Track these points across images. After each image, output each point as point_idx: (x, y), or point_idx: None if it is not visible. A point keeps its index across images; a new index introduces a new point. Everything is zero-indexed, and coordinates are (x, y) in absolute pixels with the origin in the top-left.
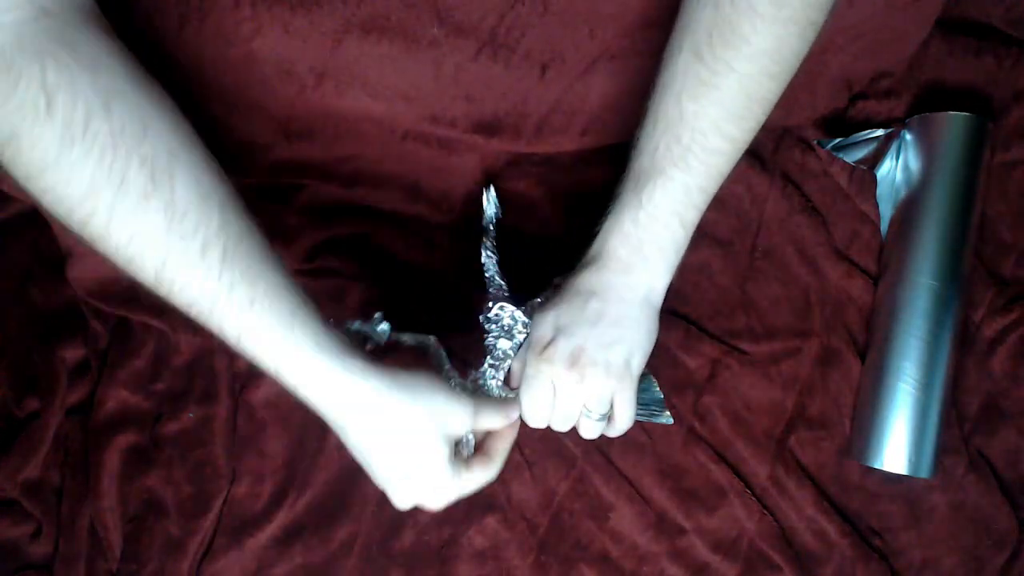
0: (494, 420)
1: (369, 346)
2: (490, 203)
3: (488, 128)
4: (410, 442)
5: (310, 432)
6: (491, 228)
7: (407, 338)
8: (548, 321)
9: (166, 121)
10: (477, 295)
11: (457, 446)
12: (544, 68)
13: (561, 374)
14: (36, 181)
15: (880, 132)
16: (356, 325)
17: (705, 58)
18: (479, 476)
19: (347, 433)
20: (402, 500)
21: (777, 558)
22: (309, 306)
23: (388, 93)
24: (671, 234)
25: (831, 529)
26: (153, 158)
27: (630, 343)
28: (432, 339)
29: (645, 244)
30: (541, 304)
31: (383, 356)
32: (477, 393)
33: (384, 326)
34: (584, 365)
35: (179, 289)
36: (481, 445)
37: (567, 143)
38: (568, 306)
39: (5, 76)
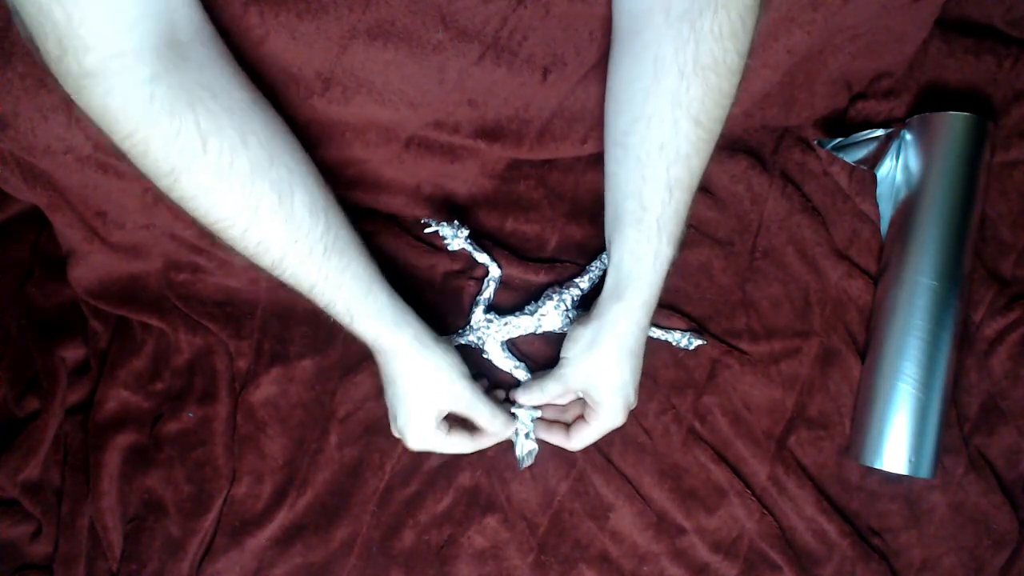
0: (482, 420)
1: (447, 243)
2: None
3: (491, 134)
4: (418, 392)
5: (310, 432)
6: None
7: (478, 255)
8: (612, 394)
9: (284, 145)
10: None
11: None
12: (546, 72)
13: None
14: (189, 202)
15: (880, 132)
16: (436, 225)
17: (704, 123)
18: (454, 444)
19: (386, 368)
20: (396, 426)
21: (777, 558)
22: (378, 278)
23: (394, 99)
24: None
25: (831, 529)
26: (278, 181)
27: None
28: (498, 274)
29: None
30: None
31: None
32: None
33: (463, 233)
34: (632, 405)
35: (290, 275)
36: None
37: (568, 149)
38: (615, 368)
39: (169, 122)
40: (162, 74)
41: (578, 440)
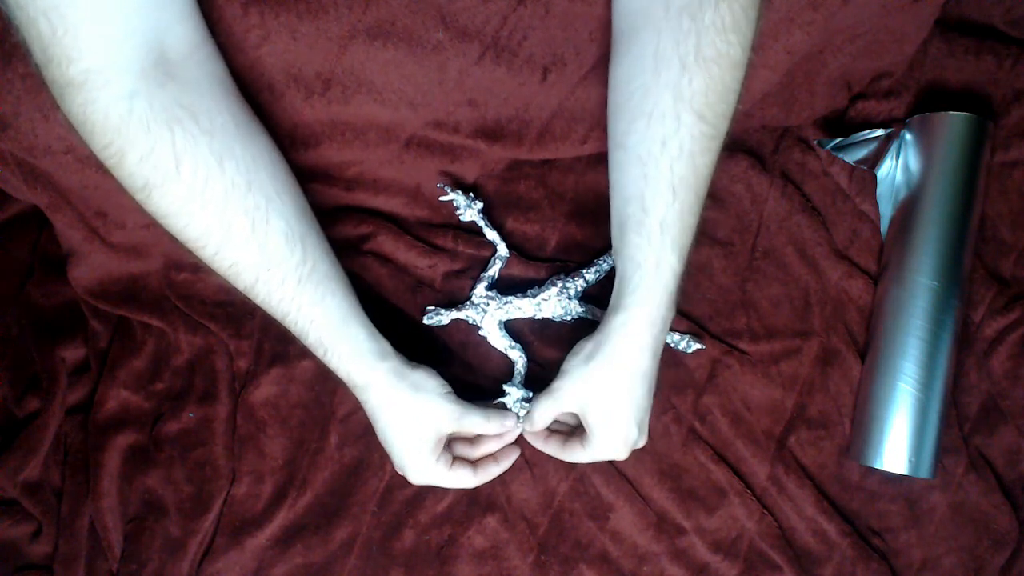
0: (477, 425)
1: (459, 213)
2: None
3: (491, 134)
4: (404, 421)
5: (310, 432)
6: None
7: (488, 231)
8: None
9: (267, 172)
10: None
11: (451, 444)
12: (546, 72)
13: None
14: (162, 219)
15: (880, 132)
16: (451, 193)
17: (708, 117)
18: (457, 478)
19: (366, 404)
20: (396, 463)
21: (777, 558)
22: (355, 313)
23: (393, 99)
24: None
25: (831, 529)
26: (254, 209)
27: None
28: (506, 253)
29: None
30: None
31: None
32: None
33: (477, 206)
34: (634, 441)
35: (263, 301)
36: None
37: (568, 150)
38: (628, 397)
39: (145, 139)
40: (143, 91)
41: (571, 457)
